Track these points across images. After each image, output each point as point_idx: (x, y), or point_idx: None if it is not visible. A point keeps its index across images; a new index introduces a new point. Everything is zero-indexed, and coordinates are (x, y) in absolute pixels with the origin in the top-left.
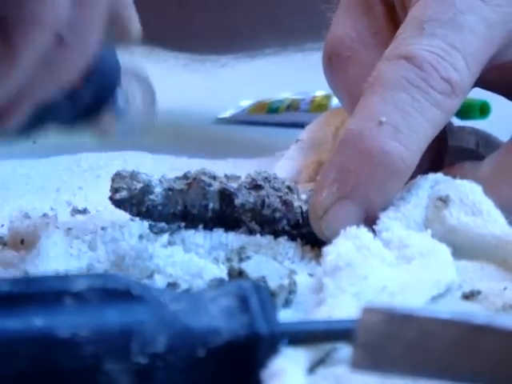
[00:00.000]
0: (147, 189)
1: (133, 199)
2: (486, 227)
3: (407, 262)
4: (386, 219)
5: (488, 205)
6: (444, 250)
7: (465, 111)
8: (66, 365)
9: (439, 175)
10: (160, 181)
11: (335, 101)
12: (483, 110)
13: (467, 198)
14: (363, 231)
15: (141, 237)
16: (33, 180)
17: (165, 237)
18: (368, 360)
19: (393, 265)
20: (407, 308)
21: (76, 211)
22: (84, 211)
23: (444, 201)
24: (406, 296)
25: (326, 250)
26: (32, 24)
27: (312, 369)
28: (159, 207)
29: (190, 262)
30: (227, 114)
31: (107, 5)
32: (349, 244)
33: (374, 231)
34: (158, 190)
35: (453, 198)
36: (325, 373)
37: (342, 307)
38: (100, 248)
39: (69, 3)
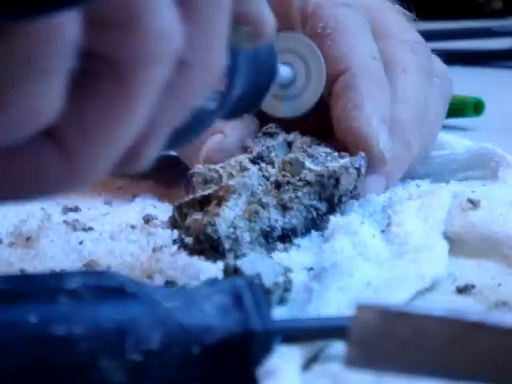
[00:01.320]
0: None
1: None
2: (500, 226)
3: (400, 257)
4: (405, 214)
5: None
6: (441, 245)
7: (459, 109)
8: (61, 362)
9: (460, 185)
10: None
11: None
12: (477, 107)
13: (497, 207)
14: (365, 227)
15: (154, 250)
16: None
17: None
18: (362, 357)
19: (385, 261)
20: (401, 305)
21: (67, 209)
22: (75, 209)
23: (474, 204)
24: (390, 291)
25: (324, 246)
26: (147, 63)
27: (306, 366)
28: None
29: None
30: None
31: (231, 8)
32: (346, 241)
33: (388, 225)
34: None
35: (483, 205)
36: (320, 370)
37: (328, 302)
38: (122, 242)
39: (181, 24)
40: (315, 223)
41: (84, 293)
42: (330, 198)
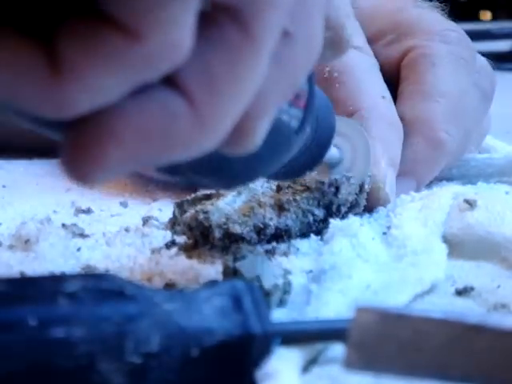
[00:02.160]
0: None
1: None
2: (497, 227)
3: (399, 260)
4: (405, 216)
5: None
6: (439, 249)
7: None
8: (60, 364)
9: (461, 187)
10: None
11: None
12: None
13: (493, 206)
14: (365, 230)
15: (153, 251)
16: (43, 180)
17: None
18: (361, 359)
19: (384, 264)
20: (400, 308)
21: (80, 211)
22: (88, 211)
23: (470, 204)
24: (389, 294)
25: (323, 249)
26: (268, 7)
27: (306, 368)
28: None
29: (190, 268)
30: None
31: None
32: (346, 242)
33: (388, 227)
34: None
35: (479, 205)
36: (319, 372)
37: (328, 304)
38: (117, 247)
39: None
40: (311, 228)
41: (83, 295)
42: (329, 205)
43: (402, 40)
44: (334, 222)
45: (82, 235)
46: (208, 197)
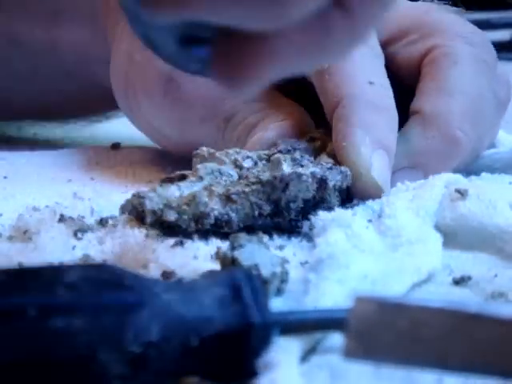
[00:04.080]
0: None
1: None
2: (490, 217)
3: (394, 250)
4: (397, 206)
5: (504, 203)
6: (434, 238)
7: None
8: (60, 355)
9: (453, 176)
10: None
11: None
12: None
13: (484, 195)
14: (358, 219)
15: (147, 235)
16: (45, 171)
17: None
18: (360, 349)
19: (380, 253)
20: (399, 297)
21: (79, 198)
22: (89, 201)
23: (462, 194)
24: (387, 283)
25: (318, 240)
26: None
27: (305, 357)
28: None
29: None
30: None
31: None
32: (340, 233)
33: (379, 216)
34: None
35: (471, 194)
36: (318, 361)
37: (326, 294)
38: (108, 240)
39: None
40: (256, 222)
41: (82, 285)
42: (278, 201)
43: (424, 39)
44: (323, 214)
45: (76, 233)
46: (184, 176)
